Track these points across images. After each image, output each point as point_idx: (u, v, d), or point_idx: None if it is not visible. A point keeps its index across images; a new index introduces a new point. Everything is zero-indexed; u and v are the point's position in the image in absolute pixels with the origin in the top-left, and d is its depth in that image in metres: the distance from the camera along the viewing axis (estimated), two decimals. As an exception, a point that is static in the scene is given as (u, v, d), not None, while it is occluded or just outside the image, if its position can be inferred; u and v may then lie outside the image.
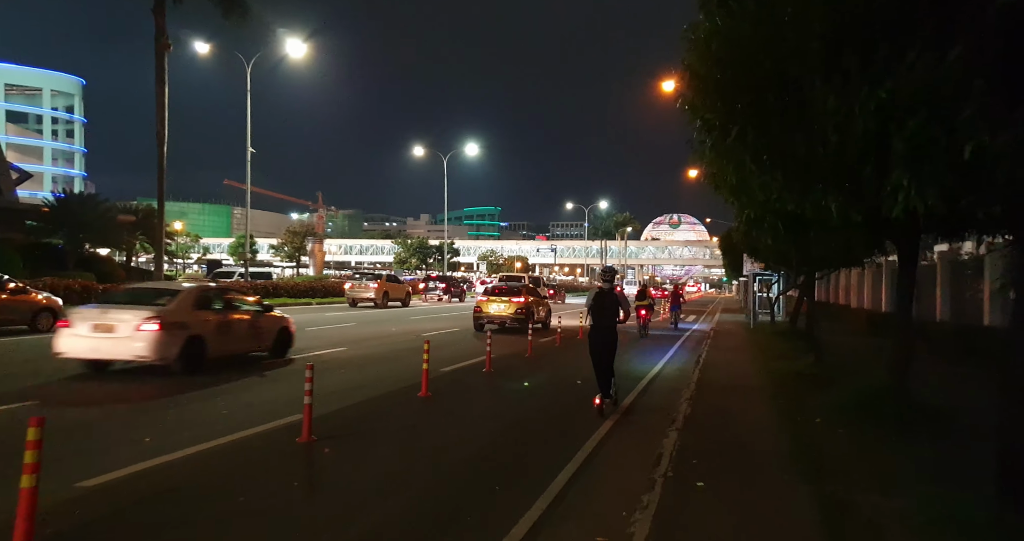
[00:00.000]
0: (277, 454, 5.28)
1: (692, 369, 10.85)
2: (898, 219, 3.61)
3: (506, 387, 8.98)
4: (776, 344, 15.45)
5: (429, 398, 7.75)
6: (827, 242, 8.22)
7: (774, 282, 27.25)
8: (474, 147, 46.72)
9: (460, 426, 6.48)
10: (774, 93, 3.73)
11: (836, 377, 9.40)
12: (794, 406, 7.36)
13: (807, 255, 10.60)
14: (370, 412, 6.99)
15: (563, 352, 13.39)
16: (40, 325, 13.47)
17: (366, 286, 28.31)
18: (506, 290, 18.56)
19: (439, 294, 39.38)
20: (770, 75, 3.71)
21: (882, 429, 5.96)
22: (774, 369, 10.68)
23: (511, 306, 17.39)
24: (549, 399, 8.22)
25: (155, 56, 20.62)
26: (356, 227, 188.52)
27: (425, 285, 39.80)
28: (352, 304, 28.09)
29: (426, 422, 6.63)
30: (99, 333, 8.09)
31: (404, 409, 7.21)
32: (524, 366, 11.21)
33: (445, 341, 14.72)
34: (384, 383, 8.71)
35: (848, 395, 7.10)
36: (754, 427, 6.43)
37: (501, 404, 7.84)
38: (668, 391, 8.87)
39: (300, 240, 72.07)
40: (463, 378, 9.53)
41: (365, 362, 10.81)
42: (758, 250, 15.83)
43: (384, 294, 28.22)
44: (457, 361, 11.07)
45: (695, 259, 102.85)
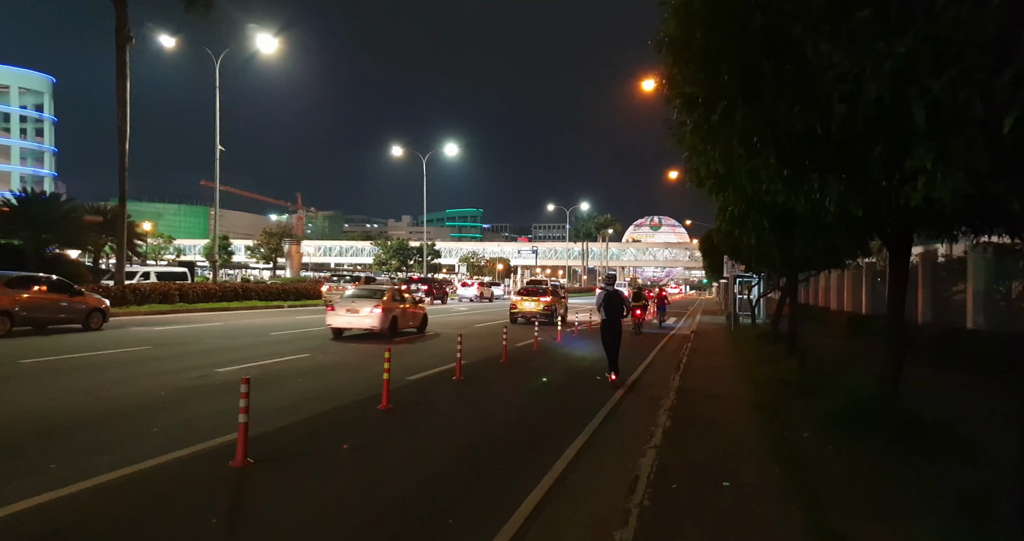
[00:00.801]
0: (203, 481, 4.64)
1: (672, 375, 10.38)
2: (903, 212, 3.12)
3: (474, 397, 8.40)
4: (758, 348, 15.09)
5: (389, 411, 7.14)
6: (813, 242, 7.81)
7: (754, 284, 27.04)
8: (453, 147, 46.04)
9: (418, 445, 5.89)
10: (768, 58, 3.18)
11: (821, 383, 8.98)
12: (779, 417, 6.89)
13: (790, 256, 10.20)
14: (321, 428, 6.35)
15: (540, 355, 12.87)
16: (92, 324, 15.55)
17: (345, 289, 27.92)
18: (534, 292, 23.54)
19: (421, 296, 38.76)
20: (763, 36, 3.14)
21: (876, 445, 5.50)
22: (757, 374, 10.25)
23: (539, 304, 22.18)
24: (520, 408, 7.68)
25: (116, 49, 19.71)
26: (336, 228, 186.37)
27: (407, 287, 39.08)
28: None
29: (381, 440, 6.03)
30: (349, 314, 14.96)
31: (359, 424, 6.60)
32: (496, 374, 10.64)
33: (417, 346, 14.10)
34: (343, 394, 8.09)
35: (836, 405, 6.64)
36: (738, 442, 5.93)
37: (467, 417, 7.26)
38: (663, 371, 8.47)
39: (277, 241, 70.65)
40: (430, 388, 8.93)
41: (327, 370, 10.16)
42: (739, 251, 15.47)
43: None
44: (427, 368, 10.47)
45: (675, 261, 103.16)
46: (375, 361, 10.86)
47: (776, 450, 5.48)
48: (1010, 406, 8.12)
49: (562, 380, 10.17)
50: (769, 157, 3.43)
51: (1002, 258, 12.37)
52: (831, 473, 4.82)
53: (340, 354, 12.21)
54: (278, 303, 28.58)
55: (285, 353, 11.80)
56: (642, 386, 9.78)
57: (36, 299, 14.39)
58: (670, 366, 11.89)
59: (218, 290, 26.78)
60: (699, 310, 41.62)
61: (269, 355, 11.45)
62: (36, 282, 14.74)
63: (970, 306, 12.78)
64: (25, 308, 14.02)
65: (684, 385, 9.26)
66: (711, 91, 3.46)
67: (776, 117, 3.18)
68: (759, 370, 10.71)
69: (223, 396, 7.67)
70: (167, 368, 9.65)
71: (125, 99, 20.07)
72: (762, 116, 3.26)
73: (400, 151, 46.78)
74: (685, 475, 4.79)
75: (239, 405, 5.01)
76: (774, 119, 3.20)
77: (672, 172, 43.11)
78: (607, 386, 9.46)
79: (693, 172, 6.70)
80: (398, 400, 7.55)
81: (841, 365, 11.45)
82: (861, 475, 4.81)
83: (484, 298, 44.30)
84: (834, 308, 24.62)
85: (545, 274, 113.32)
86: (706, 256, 30.63)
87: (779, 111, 3.15)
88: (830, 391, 8.07)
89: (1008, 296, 12.00)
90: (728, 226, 7.84)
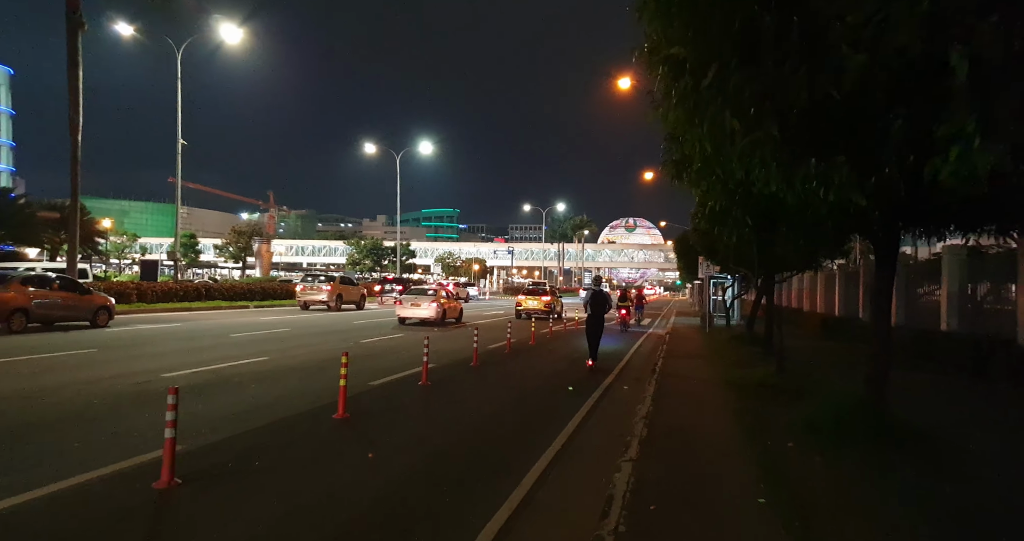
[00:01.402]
0: (118, 506, 4.05)
1: (647, 379, 10.01)
2: (908, 201, 2.71)
3: (438, 404, 7.87)
4: (734, 350, 14.85)
5: (346, 420, 6.59)
6: (795, 241, 7.50)
7: (728, 286, 26.99)
8: (428, 145, 45.29)
9: (372, 459, 5.36)
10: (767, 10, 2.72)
11: (801, 387, 8.69)
12: (761, 425, 6.53)
13: (770, 256, 9.91)
14: (268, 440, 5.77)
15: (513, 357, 12.40)
16: (99, 321, 15.96)
17: (318, 288, 27.27)
18: (536, 292, 28.60)
19: (396, 297, 38.11)
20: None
21: (866, 456, 5.15)
22: (734, 378, 9.92)
23: (540, 303, 27.07)
24: (488, 418, 7.19)
25: (67, 35, 18.67)
26: (310, 228, 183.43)
27: (381, 287, 38.38)
28: (304, 307, 27.02)
29: (332, 454, 5.48)
30: (413, 307, 20.34)
31: (311, 436, 6.03)
32: (466, 378, 10.13)
33: (385, 348, 13.51)
34: (299, 401, 7.50)
35: (820, 412, 6.31)
36: (719, 453, 5.54)
37: (429, 427, 6.74)
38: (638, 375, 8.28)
39: (246, 240, 68.93)
40: (393, 393, 8.37)
41: (285, 374, 9.52)
42: (715, 252, 15.24)
43: (338, 297, 27.34)
44: (393, 372, 9.91)
45: (650, 262, 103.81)
46: (339, 364, 10.28)
47: (761, 463, 5.09)
48: (995, 411, 7.93)
49: (534, 385, 9.72)
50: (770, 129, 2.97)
51: (975, 260, 12.33)
52: (822, 490, 4.43)
53: (303, 356, 11.57)
54: (243, 303, 27.59)
55: (244, 356, 11.11)
56: (616, 391, 9.38)
57: (48, 297, 14.78)
58: (645, 369, 11.54)
59: (179, 290, 25.73)
60: (673, 311, 41.64)
61: (226, 358, 10.76)
62: (48, 281, 15.15)
63: (944, 308, 12.70)
64: (40, 306, 14.51)
65: (660, 390, 8.88)
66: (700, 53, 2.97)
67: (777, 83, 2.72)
68: (736, 373, 10.40)
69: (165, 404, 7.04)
70: (109, 373, 8.92)
71: (77, 88, 19.01)
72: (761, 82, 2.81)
73: (373, 149, 45.88)
74: (664, 494, 4.36)
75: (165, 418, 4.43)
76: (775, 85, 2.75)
77: (648, 173, 43.16)
78: (580, 391, 9.05)
79: (671, 165, 6.32)
80: (357, 408, 7.02)
81: (819, 368, 11.23)
82: (855, 492, 4.43)
83: (459, 298, 43.60)
84: (807, 309, 24.70)
85: (521, 275, 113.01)
86: (681, 257, 30.58)
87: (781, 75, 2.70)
88: (812, 396, 7.76)
89: (982, 298, 11.94)
90: (707, 224, 7.48)
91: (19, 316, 13.87)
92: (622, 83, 22.87)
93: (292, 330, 16.89)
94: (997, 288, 11.35)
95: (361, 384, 8.66)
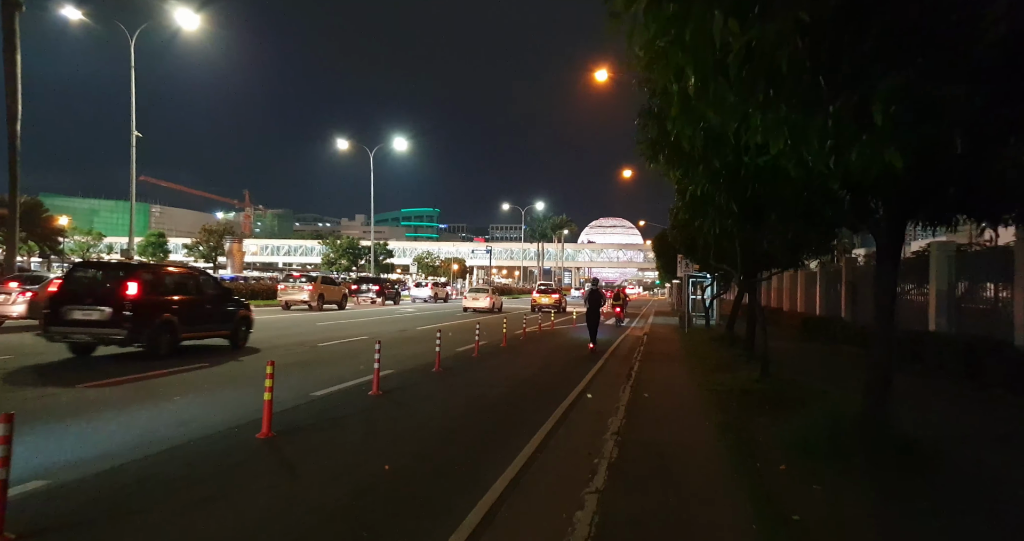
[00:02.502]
0: None
1: (622, 385, 9.20)
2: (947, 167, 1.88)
3: (386, 420, 6.94)
4: (714, 352, 14.17)
5: (271, 440, 5.67)
6: (783, 233, 6.74)
7: (707, 285, 26.43)
8: (402, 142, 44.16)
9: (288, 492, 4.44)
10: None
11: (787, 395, 7.96)
12: (747, 442, 5.75)
13: (753, 251, 9.17)
14: (168, 468, 4.82)
15: (478, 366, 11.52)
16: None
17: (300, 288, 27.27)
18: (547, 291, 36.49)
19: (372, 296, 37.43)
20: None
21: (870, 483, 4.39)
22: (715, 384, 9.17)
23: (551, 299, 34.74)
24: (433, 439, 6.30)
25: (2, 17, 17.34)
26: (287, 227, 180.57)
27: (357, 287, 37.37)
28: (286, 307, 27.00)
29: (240, 486, 4.54)
30: (474, 300, 31.73)
31: (221, 462, 5.08)
32: (424, 385, 9.22)
33: (340, 353, 12.50)
34: (225, 416, 6.53)
35: (814, 428, 5.55)
36: (701, 479, 4.73)
37: (367, 450, 5.79)
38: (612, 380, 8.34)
39: (217, 239, 66.95)
40: (335, 407, 7.42)
41: (220, 384, 8.53)
42: (695, 249, 14.50)
43: (319, 296, 27.22)
44: (341, 381, 8.95)
45: (629, 262, 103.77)
46: (288, 369, 9.31)
47: (751, 494, 4.29)
48: (1003, 424, 7.24)
49: (502, 392, 8.86)
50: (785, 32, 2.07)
51: (966, 257, 11.79)
52: (823, 528, 3.63)
53: (248, 362, 10.55)
54: None
55: (178, 364, 10.05)
56: (586, 401, 8.55)
57: None
58: (620, 374, 10.74)
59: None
60: (652, 311, 41.13)
61: (157, 365, 9.70)
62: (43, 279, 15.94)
63: (932, 308, 12.13)
64: None
65: (635, 399, 8.08)
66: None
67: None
68: (718, 379, 9.66)
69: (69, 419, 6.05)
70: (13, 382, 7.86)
71: (15, 74, 17.64)
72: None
73: (346, 145, 44.59)
74: (634, 537, 3.53)
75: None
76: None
77: (626, 171, 42.66)
78: (551, 397, 8.21)
79: (646, 144, 5.52)
80: (286, 426, 6.09)
81: (804, 372, 10.54)
82: (867, 535, 3.65)
83: (439, 299, 43.36)
84: (787, 309, 24.19)
85: (501, 274, 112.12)
86: (659, 256, 29.97)
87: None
88: (801, 406, 7.02)
89: (973, 297, 11.39)
90: (687, 213, 6.69)
91: None
92: (599, 75, 22.23)
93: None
94: (990, 286, 10.77)
95: (302, 396, 7.73)
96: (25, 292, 14.63)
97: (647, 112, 5.42)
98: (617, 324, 25.15)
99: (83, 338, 10.02)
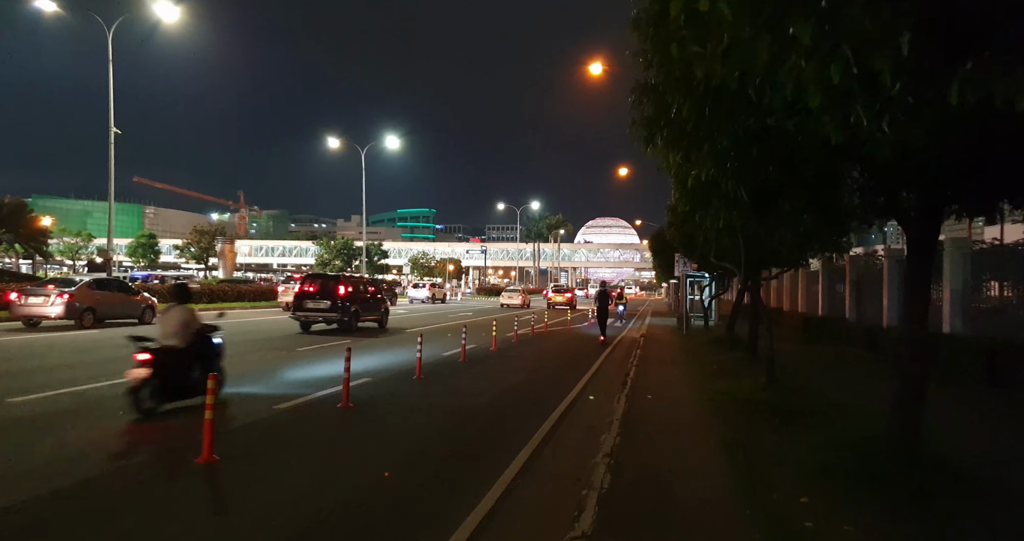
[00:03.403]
0: None
1: (616, 395, 8.46)
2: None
3: (345, 440, 6.14)
4: (714, 355, 13.42)
5: (212, 466, 4.91)
6: (794, 224, 6.01)
7: (706, 285, 25.71)
8: (394, 140, 43.32)
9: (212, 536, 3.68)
10: None
11: (798, 405, 7.24)
12: (760, 465, 5.01)
13: (757, 249, 8.44)
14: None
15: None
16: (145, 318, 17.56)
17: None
18: (561, 290, 40.70)
19: None
20: None
21: (912, 522, 3.65)
22: (718, 393, 8.44)
23: (564, 298, 37.97)
24: (399, 464, 5.55)
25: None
26: (282, 228, 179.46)
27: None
28: (286, 308, 27.21)
29: (161, 527, 3.78)
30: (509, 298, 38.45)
31: (139, 500, 4.31)
32: (401, 395, 8.45)
33: (313, 358, 11.70)
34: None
35: (836, 447, 4.82)
36: (707, 516, 3.99)
37: (317, 475, 5.06)
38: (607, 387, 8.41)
39: (208, 240, 65.91)
40: (299, 422, 6.67)
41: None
42: (694, 246, 13.79)
43: None
44: (317, 389, 8.18)
45: (626, 262, 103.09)
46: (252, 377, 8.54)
47: (766, 533, 3.55)
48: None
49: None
50: None
51: (983, 254, 11.09)
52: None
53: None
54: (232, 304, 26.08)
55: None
56: (577, 413, 7.79)
57: (107, 298, 16.88)
58: (616, 379, 10.00)
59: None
60: (648, 311, 40.43)
61: (103, 375, 8.85)
62: (108, 283, 17.97)
63: (947, 309, 11.41)
64: (102, 306, 16.49)
65: (631, 411, 7.34)
66: None
67: None
68: (720, 386, 8.92)
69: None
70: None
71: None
72: None
73: (336, 143, 43.76)
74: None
75: None
76: None
77: (622, 168, 41.96)
78: (543, 405, 7.45)
79: (641, 123, 4.78)
80: (231, 448, 5.34)
81: (812, 378, 9.82)
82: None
83: (436, 299, 42.92)
84: (787, 309, 23.42)
85: (497, 275, 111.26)
86: (656, 255, 29.27)
87: None
88: (815, 419, 6.29)
89: (992, 297, 10.69)
90: (687, 205, 5.96)
91: (88, 314, 15.96)
92: (594, 68, 21.51)
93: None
94: (1009, 286, 10.07)
95: (264, 409, 6.96)
96: (62, 294, 15.72)
97: (642, 85, 4.67)
98: (619, 318, 28.00)
99: (314, 319, 16.49)
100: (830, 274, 18.57)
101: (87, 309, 15.95)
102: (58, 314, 15.46)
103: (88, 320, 15.92)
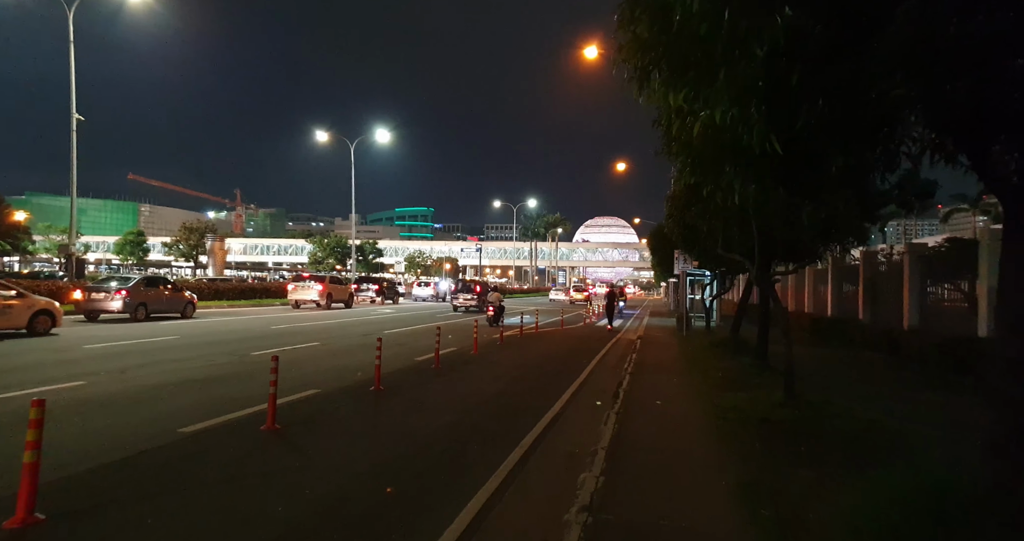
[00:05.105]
0: None
1: (606, 411, 7.09)
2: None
3: (246, 479, 4.74)
4: (719, 361, 12.03)
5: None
6: (833, 194, 4.64)
7: (707, 283, 24.34)
8: (384, 134, 41.86)
9: None
10: None
11: (829, 429, 5.88)
12: (795, 525, 3.64)
13: (771, 234, 7.05)
14: None
15: (452, 372, 9.39)
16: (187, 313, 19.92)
17: (310, 288, 28.43)
18: (580, 289, 54.14)
19: (371, 296, 36.92)
20: None
21: None
22: (727, 409, 7.07)
23: (583, 296, 47.10)
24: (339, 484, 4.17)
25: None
26: (279, 226, 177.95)
27: (357, 286, 35.98)
28: (295, 306, 28.15)
29: None
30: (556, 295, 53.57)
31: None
32: (347, 413, 7.08)
33: (293, 360, 10.32)
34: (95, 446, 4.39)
35: (901, 502, 3.45)
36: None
37: (274, 492, 3.70)
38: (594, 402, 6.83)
39: (198, 237, 64.36)
40: (198, 455, 5.28)
41: (107, 403, 6.38)
42: (695, 240, 12.40)
43: (328, 296, 28.26)
44: (282, 395, 6.79)
45: (625, 261, 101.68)
46: (228, 380, 7.17)
47: None
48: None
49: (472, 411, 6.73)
50: None
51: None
52: None
53: (147, 376, 8.40)
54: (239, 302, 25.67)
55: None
56: (556, 435, 6.40)
57: (156, 294, 18.94)
58: (607, 390, 8.63)
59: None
60: (647, 311, 39.08)
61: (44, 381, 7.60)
62: (156, 281, 19.86)
63: (983, 308, 10.07)
64: (151, 302, 18.54)
65: (622, 433, 5.96)
66: None
67: None
68: (728, 400, 7.55)
69: None
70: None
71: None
72: None
73: (325, 137, 42.33)
74: None
75: None
76: None
77: (620, 163, 40.56)
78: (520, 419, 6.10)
79: (634, 44, 3.41)
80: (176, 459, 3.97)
81: (835, 389, 8.44)
82: None
83: (439, 298, 43.98)
84: (792, 309, 21.99)
85: (495, 274, 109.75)
86: (655, 252, 27.91)
87: None
88: (858, 450, 4.92)
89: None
90: (692, 174, 4.57)
91: (141, 309, 18.04)
92: (588, 52, 20.16)
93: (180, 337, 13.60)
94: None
95: (240, 408, 5.58)
96: (120, 291, 17.74)
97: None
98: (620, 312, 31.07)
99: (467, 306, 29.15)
100: (840, 272, 17.22)
101: (140, 304, 18.02)
102: (118, 308, 17.56)
103: (141, 314, 18.09)
